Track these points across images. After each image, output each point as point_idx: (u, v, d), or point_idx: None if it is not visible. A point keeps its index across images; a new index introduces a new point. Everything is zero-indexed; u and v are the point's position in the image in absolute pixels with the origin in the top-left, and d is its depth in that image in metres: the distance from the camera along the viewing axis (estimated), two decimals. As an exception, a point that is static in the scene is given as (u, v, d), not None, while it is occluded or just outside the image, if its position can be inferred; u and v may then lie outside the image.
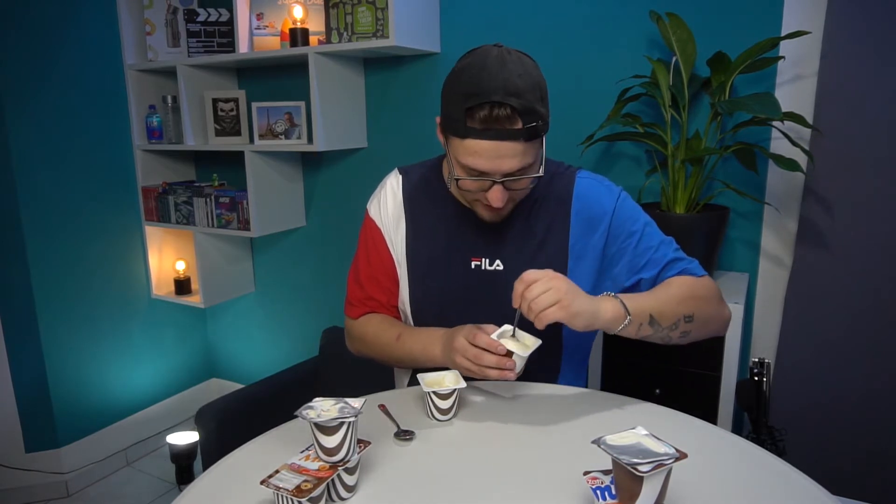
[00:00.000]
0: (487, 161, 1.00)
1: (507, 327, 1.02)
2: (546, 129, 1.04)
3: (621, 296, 1.03)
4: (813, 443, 1.66)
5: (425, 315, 1.21)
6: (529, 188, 1.10)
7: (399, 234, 1.22)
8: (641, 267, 1.14)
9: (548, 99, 1.05)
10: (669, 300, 1.07)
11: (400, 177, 1.25)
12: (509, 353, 0.98)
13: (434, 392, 1.01)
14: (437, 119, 1.09)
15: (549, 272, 0.98)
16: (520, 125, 0.97)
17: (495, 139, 0.98)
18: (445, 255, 1.19)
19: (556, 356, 1.21)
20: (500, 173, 1.01)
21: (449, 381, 1.04)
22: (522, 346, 1.00)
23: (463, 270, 1.17)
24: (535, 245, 1.16)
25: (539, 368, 1.17)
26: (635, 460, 0.69)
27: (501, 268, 1.16)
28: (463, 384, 1.03)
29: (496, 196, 1.03)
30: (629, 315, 1.01)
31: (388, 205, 1.23)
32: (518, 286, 0.97)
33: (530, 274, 0.97)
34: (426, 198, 1.22)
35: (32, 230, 2.17)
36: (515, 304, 0.98)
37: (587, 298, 0.99)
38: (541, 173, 1.06)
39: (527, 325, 1.00)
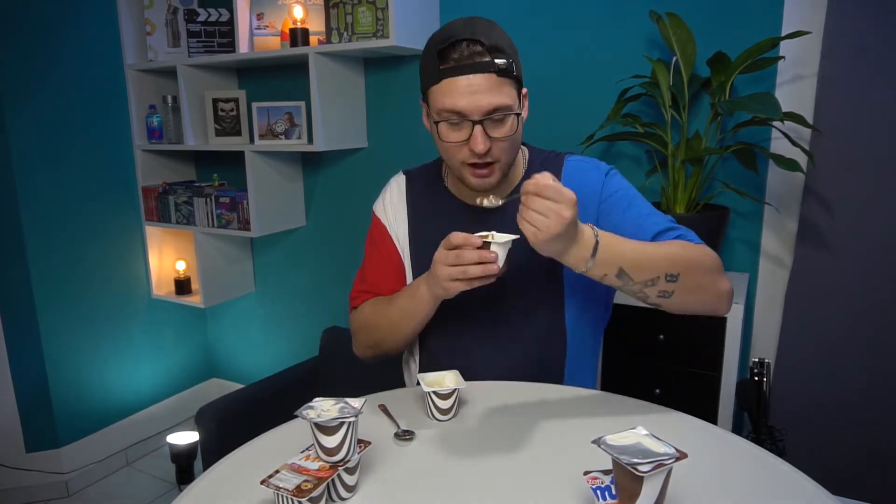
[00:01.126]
0: (463, 98, 1.01)
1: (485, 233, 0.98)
2: (519, 75, 1.06)
3: (601, 235, 0.95)
4: (813, 443, 1.66)
5: (431, 324, 1.19)
6: (513, 142, 1.07)
7: (402, 229, 1.25)
8: (633, 234, 1.06)
9: (517, 53, 1.07)
10: (653, 253, 0.99)
11: (404, 177, 1.29)
12: (487, 246, 0.95)
13: (434, 392, 1.01)
14: (421, 101, 1.12)
15: (564, 193, 0.88)
16: (489, 58, 1.01)
17: (468, 73, 1.00)
18: None
19: (560, 359, 1.20)
20: (478, 110, 1.01)
21: (449, 381, 1.04)
22: (503, 237, 0.96)
23: None
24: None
25: (541, 371, 1.17)
26: (635, 460, 0.69)
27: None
28: (463, 384, 1.03)
29: (478, 139, 1.02)
30: (592, 260, 0.94)
31: (390, 202, 1.27)
32: (528, 185, 0.90)
33: (545, 183, 0.89)
34: (427, 194, 1.25)
35: (32, 230, 2.17)
36: (523, 192, 0.91)
37: (563, 242, 0.92)
38: (519, 111, 1.06)
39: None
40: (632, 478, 0.70)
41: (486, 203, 1.01)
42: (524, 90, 1.11)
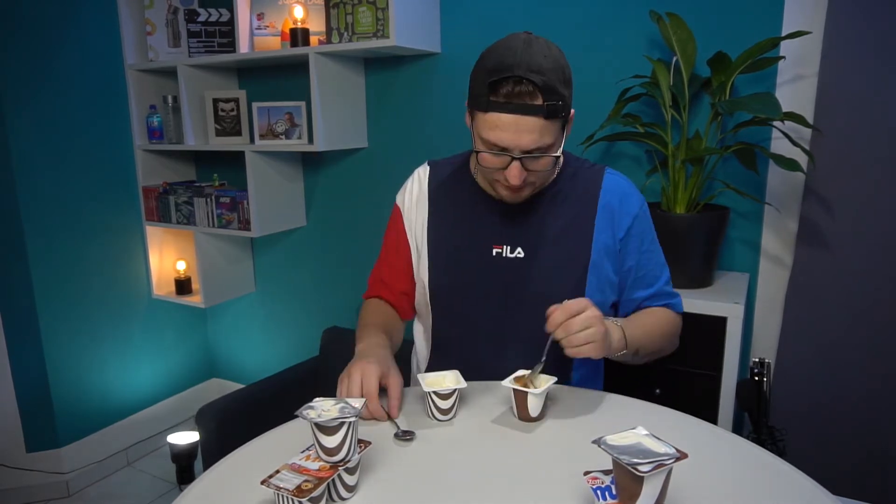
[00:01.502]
0: (507, 134, 1.02)
1: (538, 367, 1.03)
2: (567, 112, 1.07)
3: (624, 327, 1.10)
4: (813, 443, 1.66)
5: (446, 301, 1.23)
6: (549, 172, 1.13)
7: (420, 220, 1.26)
8: (639, 279, 1.22)
9: (571, 85, 1.08)
10: (654, 337, 1.19)
11: (428, 168, 1.30)
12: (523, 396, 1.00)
13: (434, 392, 1.01)
14: (466, 103, 1.12)
15: (589, 307, 0.99)
16: (540, 101, 1.00)
17: (516, 112, 1.01)
18: (467, 241, 1.21)
19: (570, 360, 1.22)
20: (520, 148, 1.03)
21: (449, 381, 1.04)
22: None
23: (484, 257, 1.19)
24: (557, 235, 1.18)
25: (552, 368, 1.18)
26: (636, 460, 0.69)
27: (522, 255, 1.18)
28: (463, 384, 1.03)
29: (514, 173, 1.05)
30: (626, 349, 1.10)
31: (413, 192, 1.28)
32: (558, 315, 0.98)
33: (573, 305, 0.98)
34: (451, 187, 1.26)
35: (33, 230, 2.17)
36: (550, 330, 0.99)
37: (612, 337, 1.05)
38: (559, 154, 1.09)
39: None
40: (632, 478, 0.70)
41: (531, 391, 1.00)
42: (572, 112, 1.11)
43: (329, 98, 2.08)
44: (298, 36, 2.08)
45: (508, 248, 1.19)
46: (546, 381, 1.01)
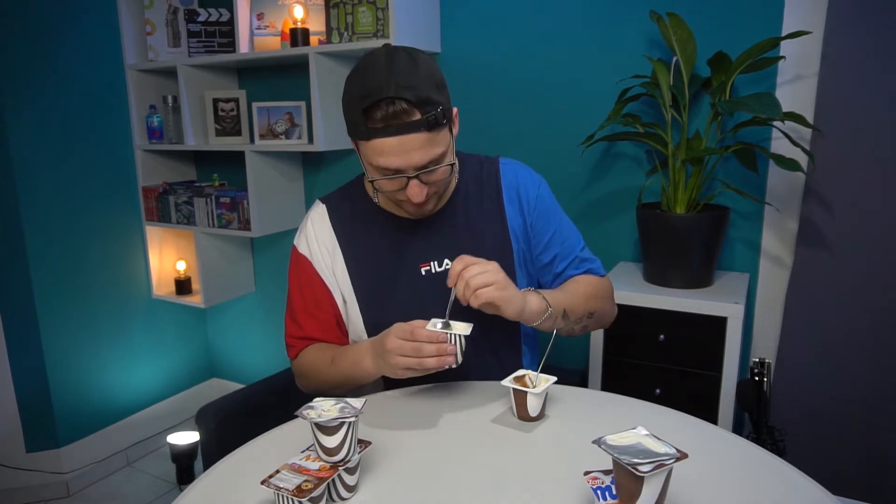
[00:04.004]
0: (396, 157, 1.00)
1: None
2: (448, 116, 1.03)
3: (542, 291, 1.10)
4: (813, 443, 1.66)
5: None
6: (449, 179, 1.11)
7: (338, 265, 1.19)
8: (558, 253, 1.22)
9: (446, 87, 1.04)
10: (578, 298, 1.16)
11: (323, 206, 1.23)
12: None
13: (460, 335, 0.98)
14: (348, 133, 1.09)
15: (476, 258, 1.00)
16: (418, 116, 0.97)
17: (397, 134, 0.98)
18: (393, 269, 1.17)
19: (517, 341, 1.25)
20: (412, 167, 1.01)
21: (459, 328, 1.00)
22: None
23: (415, 279, 1.16)
24: (478, 236, 1.18)
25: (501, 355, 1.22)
26: (636, 460, 0.69)
27: (451, 266, 1.16)
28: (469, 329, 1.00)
29: (415, 192, 1.04)
30: (549, 308, 1.07)
31: (317, 237, 1.20)
32: (456, 265, 0.99)
33: (469, 257, 1.00)
34: (356, 219, 1.20)
35: (33, 230, 2.17)
36: (451, 284, 0.99)
37: (517, 289, 1.04)
38: (453, 161, 1.07)
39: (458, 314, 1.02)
40: (632, 478, 0.70)
41: (439, 326, 0.99)
42: (454, 110, 1.09)
43: (329, 98, 2.08)
44: (298, 36, 2.08)
45: (436, 262, 1.17)
46: (546, 381, 1.01)
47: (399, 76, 0.97)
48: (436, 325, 0.99)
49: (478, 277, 0.97)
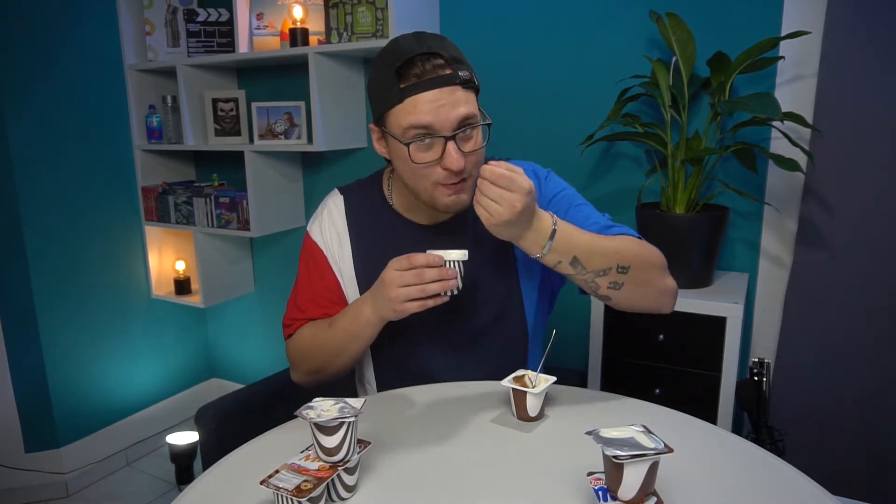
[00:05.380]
0: (431, 112, 0.97)
1: (521, 372, 1.02)
2: (477, 88, 1.04)
3: (559, 224, 0.97)
4: (813, 443, 1.66)
5: (386, 336, 1.14)
6: (481, 154, 1.05)
7: (345, 256, 1.18)
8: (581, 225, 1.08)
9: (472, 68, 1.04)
10: (606, 245, 1.00)
11: (341, 197, 1.23)
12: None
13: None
14: (371, 126, 1.08)
15: (518, 182, 0.90)
16: (451, 70, 0.98)
17: (432, 87, 0.97)
18: None
19: (522, 358, 1.22)
20: (448, 125, 0.98)
21: (455, 255, 0.99)
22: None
23: None
24: (481, 237, 1.13)
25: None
26: (618, 451, 0.71)
27: None
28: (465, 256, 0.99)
29: (453, 156, 0.98)
30: (548, 246, 0.96)
31: (330, 226, 1.20)
32: (484, 171, 0.91)
33: (500, 172, 0.90)
34: (369, 215, 1.20)
35: (32, 230, 2.17)
36: (479, 178, 0.93)
37: (518, 228, 0.94)
38: (488, 121, 1.04)
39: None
40: (615, 466, 0.72)
41: (455, 255, 0.98)
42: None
43: (328, 98, 2.08)
44: (298, 36, 2.08)
45: None
46: (545, 381, 1.01)
47: (427, 40, 0.99)
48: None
49: (486, 200, 0.91)
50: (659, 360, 1.61)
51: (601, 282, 1.01)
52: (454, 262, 0.97)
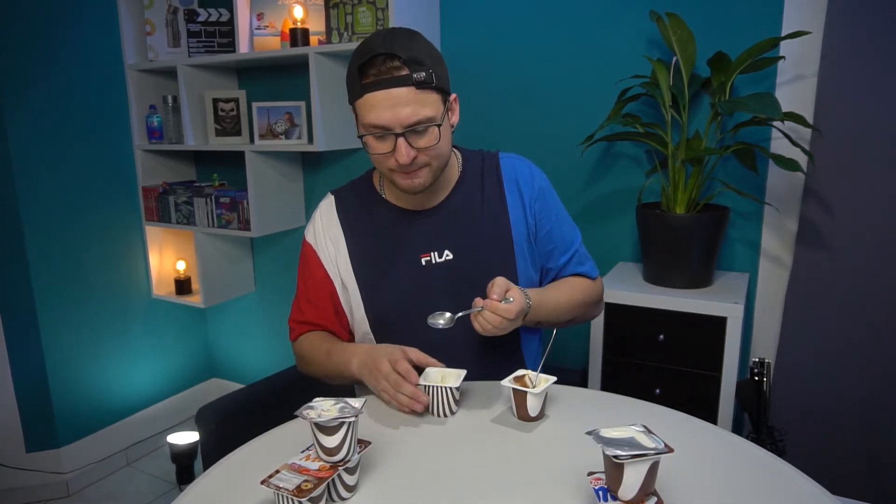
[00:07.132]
0: (383, 111, 1.03)
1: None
2: (442, 87, 1.08)
3: (532, 300, 1.11)
4: (813, 443, 1.66)
5: (387, 324, 1.21)
6: (439, 150, 1.10)
7: (341, 254, 1.23)
8: (557, 245, 1.25)
9: (443, 63, 1.10)
10: (562, 307, 1.20)
11: (332, 197, 1.28)
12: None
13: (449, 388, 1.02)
14: (352, 111, 1.13)
15: (513, 310, 1.02)
16: (406, 72, 1.02)
17: (386, 87, 1.02)
18: (394, 259, 1.20)
19: (517, 350, 1.27)
20: (399, 123, 1.03)
21: (451, 379, 1.04)
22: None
23: (415, 269, 1.19)
24: (478, 227, 1.20)
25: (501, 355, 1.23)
26: (619, 451, 0.71)
27: (451, 257, 1.18)
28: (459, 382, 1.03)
29: (402, 151, 1.05)
30: (528, 313, 1.11)
31: (323, 227, 1.25)
32: (486, 304, 1.03)
33: (502, 307, 1.02)
34: (361, 210, 1.24)
35: (33, 230, 2.17)
36: (479, 304, 1.04)
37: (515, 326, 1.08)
38: (441, 122, 1.08)
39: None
40: (615, 465, 0.72)
41: (441, 323, 1.07)
42: (453, 95, 1.13)
43: (329, 98, 2.08)
44: (298, 36, 2.08)
45: (436, 253, 1.19)
46: (545, 381, 1.01)
47: (394, 41, 1.03)
48: (427, 376, 1.04)
49: (486, 324, 1.03)
50: (659, 360, 1.61)
51: (556, 326, 1.19)
52: (446, 388, 1.03)
